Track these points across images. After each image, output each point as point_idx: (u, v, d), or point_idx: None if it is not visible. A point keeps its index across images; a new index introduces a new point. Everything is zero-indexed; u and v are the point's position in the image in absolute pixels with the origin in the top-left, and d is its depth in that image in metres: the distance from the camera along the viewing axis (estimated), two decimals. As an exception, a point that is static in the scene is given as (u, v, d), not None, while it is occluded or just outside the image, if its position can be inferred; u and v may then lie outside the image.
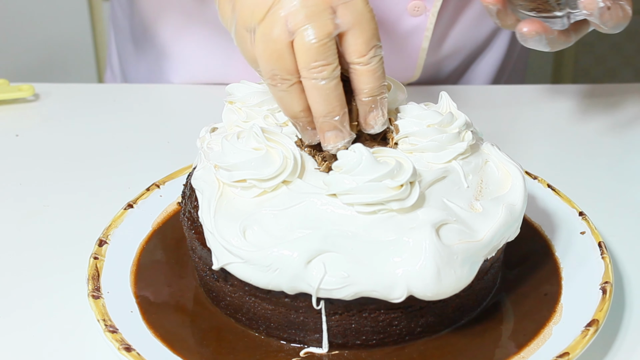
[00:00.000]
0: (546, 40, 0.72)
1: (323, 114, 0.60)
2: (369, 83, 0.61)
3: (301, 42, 0.58)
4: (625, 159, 0.89)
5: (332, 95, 0.60)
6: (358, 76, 0.60)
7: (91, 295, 0.63)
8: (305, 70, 0.59)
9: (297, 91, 0.60)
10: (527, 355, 0.59)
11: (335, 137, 0.61)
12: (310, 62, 0.58)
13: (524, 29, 0.72)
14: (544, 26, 0.72)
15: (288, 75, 0.59)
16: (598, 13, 0.70)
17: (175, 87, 1.04)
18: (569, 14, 0.72)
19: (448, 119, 0.64)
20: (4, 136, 0.93)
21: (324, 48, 0.58)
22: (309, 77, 0.59)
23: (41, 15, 2.01)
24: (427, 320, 0.62)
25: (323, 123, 0.61)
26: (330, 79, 0.59)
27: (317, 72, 0.59)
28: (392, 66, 0.96)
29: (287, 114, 0.62)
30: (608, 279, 0.64)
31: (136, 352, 0.58)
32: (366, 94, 0.61)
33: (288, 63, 0.59)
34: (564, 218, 0.73)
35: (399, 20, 0.92)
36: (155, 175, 0.79)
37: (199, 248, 0.63)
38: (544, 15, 0.72)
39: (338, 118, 0.60)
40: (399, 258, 0.56)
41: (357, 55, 0.60)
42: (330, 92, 0.59)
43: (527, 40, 0.72)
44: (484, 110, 0.98)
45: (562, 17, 0.72)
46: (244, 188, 0.61)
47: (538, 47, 0.73)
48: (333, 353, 0.61)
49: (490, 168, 0.65)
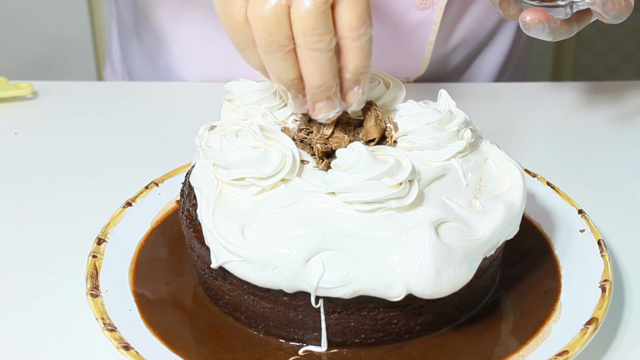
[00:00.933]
0: (548, 29, 0.73)
1: (317, 84, 0.59)
2: (355, 61, 0.60)
3: (299, 7, 0.57)
4: (625, 157, 0.89)
5: (327, 67, 0.59)
6: (345, 52, 0.60)
7: (90, 294, 0.63)
8: (302, 38, 0.58)
9: (292, 59, 0.59)
10: (526, 354, 0.59)
11: (326, 107, 0.61)
12: (307, 29, 0.57)
13: (527, 18, 0.72)
14: (547, 15, 0.72)
15: (286, 40, 0.58)
16: (601, 2, 0.70)
17: (174, 84, 1.04)
18: (572, 3, 0.72)
19: (447, 117, 0.64)
20: (3, 134, 0.92)
21: (322, 15, 0.57)
22: (305, 46, 0.58)
23: (40, 13, 2.01)
24: (426, 319, 0.62)
25: (315, 94, 0.60)
26: (326, 50, 0.58)
27: (314, 42, 0.58)
28: (399, 60, 0.97)
29: (279, 81, 0.61)
30: (607, 277, 0.64)
31: (135, 351, 0.58)
32: (350, 71, 0.60)
33: (286, 29, 0.58)
34: (563, 216, 0.73)
35: (406, 14, 0.92)
36: (154, 173, 0.78)
37: (197, 246, 0.63)
38: (546, 5, 0.72)
39: (331, 91, 0.60)
40: (397, 256, 0.56)
41: (348, 29, 0.59)
42: (326, 63, 0.59)
43: (529, 29, 0.73)
44: (483, 108, 0.98)
45: (564, 6, 0.72)
46: (242, 186, 0.61)
47: (540, 37, 0.74)
48: (332, 351, 0.61)
49: (490, 166, 0.65)
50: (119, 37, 1.16)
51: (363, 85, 0.61)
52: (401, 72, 0.99)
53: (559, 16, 0.73)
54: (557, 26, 0.73)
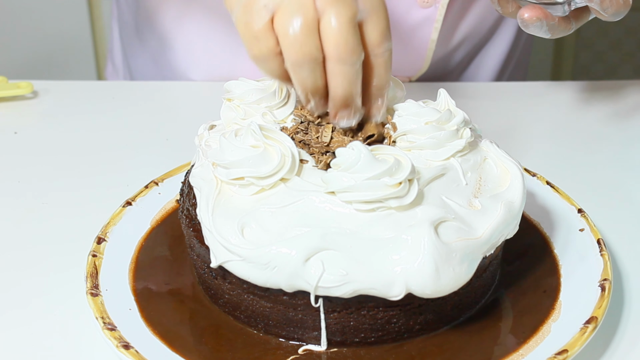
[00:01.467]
0: (547, 26, 0.73)
1: (343, 95, 0.61)
2: (380, 75, 0.62)
3: (330, 21, 0.58)
4: (625, 156, 0.89)
5: (355, 80, 0.60)
6: (371, 67, 0.61)
7: (89, 293, 0.63)
8: (334, 51, 0.59)
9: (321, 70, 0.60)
10: (525, 353, 0.59)
11: (348, 116, 0.62)
12: (340, 43, 0.58)
13: (525, 15, 0.73)
14: (545, 12, 0.72)
15: (317, 52, 0.59)
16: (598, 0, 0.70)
17: (175, 84, 1.04)
18: (570, 0, 0.72)
19: (446, 116, 0.64)
20: (2, 134, 0.92)
21: (353, 30, 0.59)
22: (336, 59, 0.59)
23: (40, 12, 2.01)
24: (425, 318, 0.62)
25: (340, 104, 0.61)
26: (356, 64, 0.60)
27: (346, 55, 0.59)
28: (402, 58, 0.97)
29: (304, 90, 0.61)
30: (607, 276, 0.64)
31: (134, 350, 0.58)
32: (375, 85, 0.62)
33: (317, 41, 0.59)
34: (562, 215, 0.73)
35: (408, 12, 0.93)
36: (153, 172, 0.78)
37: (197, 246, 0.63)
38: (545, 2, 0.72)
39: (356, 101, 0.61)
40: (397, 256, 0.56)
41: (374, 45, 0.60)
42: (354, 76, 0.60)
43: (528, 26, 0.73)
44: (482, 107, 0.98)
45: (562, 3, 0.72)
46: (242, 186, 0.61)
47: (538, 34, 0.74)
48: (331, 350, 0.61)
49: (489, 165, 0.65)
50: (121, 36, 1.16)
51: (385, 97, 0.63)
52: (404, 71, 0.99)
53: (557, 13, 0.73)
54: (555, 23, 0.73)
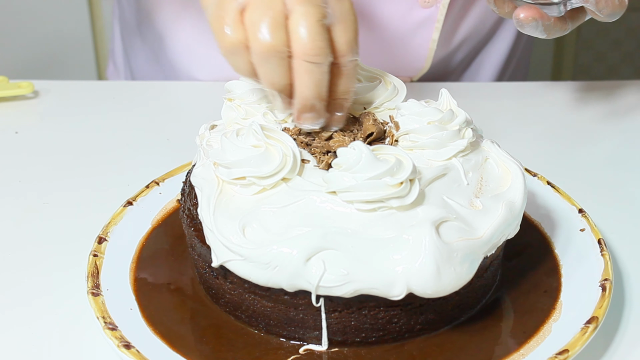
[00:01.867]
0: (542, 26, 0.73)
1: (308, 96, 0.61)
2: (342, 85, 0.62)
3: (299, 19, 0.59)
4: (625, 156, 0.89)
5: (321, 81, 0.60)
6: (336, 75, 0.61)
7: (90, 293, 0.63)
8: (300, 48, 0.59)
9: (287, 66, 0.60)
10: (526, 353, 0.59)
11: (312, 119, 0.62)
12: (307, 41, 0.59)
13: (520, 15, 0.73)
14: (541, 12, 0.72)
15: (283, 47, 0.59)
16: (594, 0, 0.70)
17: (175, 84, 1.04)
18: (566, 1, 0.72)
19: (448, 116, 0.64)
20: (3, 133, 0.93)
21: (322, 29, 0.59)
22: (302, 57, 0.59)
23: (41, 12, 2.01)
24: (426, 318, 0.62)
25: (304, 105, 0.61)
26: (323, 65, 0.60)
27: (313, 54, 0.59)
28: (403, 58, 0.97)
29: (271, 86, 0.62)
30: (608, 276, 0.64)
31: (136, 350, 0.58)
32: (336, 94, 0.62)
33: (284, 36, 0.59)
34: (563, 215, 0.73)
35: (409, 12, 0.93)
36: (154, 172, 0.78)
37: (198, 245, 0.63)
38: (540, 2, 0.72)
39: (321, 105, 0.61)
40: (398, 255, 0.56)
41: (341, 52, 0.61)
42: (320, 77, 0.60)
43: (523, 26, 0.73)
44: (483, 107, 0.98)
45: (558, 4, 0.72)
46: (243, 185, 0.61)
47: (534, 34, 0.74)
48: (332, 350, 0.61)
49: (490, 165, 0.65)
50: (122, 36, 1.16)
51: (346, 108, 0.64)
52: (405, 71, 0.99)
53: (552, 14, 0.73)
54: (551, 24, 0.73)
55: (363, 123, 0.65)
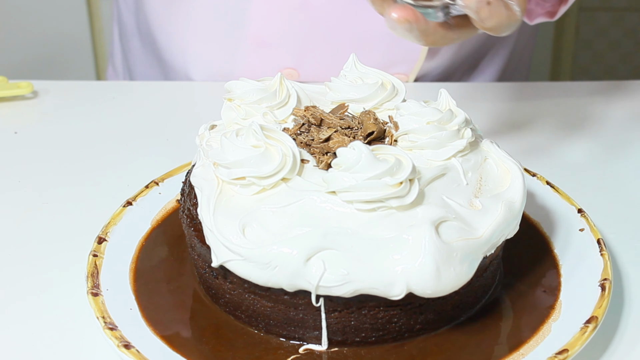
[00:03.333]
0: (417, 31, 0.66)
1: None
2: None
3: None
4: (624, 156, 0.89)
5: None
6: None
7: (90, 293, 0.63)
8: None
9: None
10: (526, 352, 0.59)
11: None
12: None
13: (392, 14, 0.65)
14: (416, 15, 0.65)
15: None
16: (475, 7, 0.63)
17: (175, 84, 1.05)
18: (447, 5, 0.65)
19: (447, 116, 0.64)
20: (3, 133, 0.93)
21: None
22: None
23: (40, 13, 2.01)
24: (426, 318, 0.62)
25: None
26: None
27: None
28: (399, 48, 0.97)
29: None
30: (607, 276, 0.64)
31: (135, 350, 0.58)
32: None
33: None
34: (563, 215, 0.73)
35: None
36: (154, 172, 0.79)
37: (198, 245, 0.63)
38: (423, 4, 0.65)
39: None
40: (398, 255, 0.56)
41: None
42: None
43: (396, 28, 0.66)
44: (483, 107, 0.98)
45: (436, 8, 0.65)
46: (243, 185, 0.61)
47: (408, 38, 0.67)
48: (332, 350, 0.61)
49: (490, 165, 0.65)
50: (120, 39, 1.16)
51: None
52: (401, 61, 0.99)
53: (431, 18, 0.66)
54: (429, 29, 0.66)
55: (363, 122, 0.65)
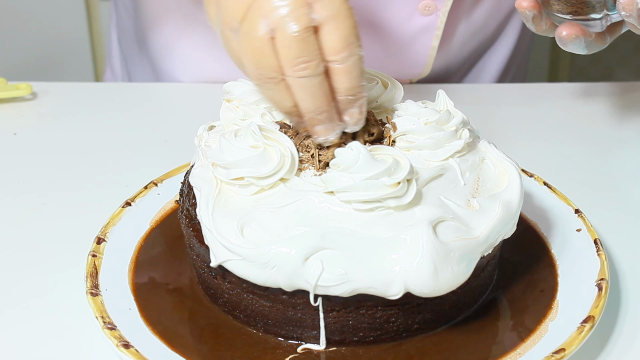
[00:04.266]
0: (584, 43, 0.73)
1: (310, 110, 0.60)
2: (345, 83, 0.60)
3: (281, 37, 0.58)
4: (621, 157, 0.90)
5: (317, 92, 0.59)
6: (333, 75, 0.60)
7: (89, 293, 0.63)
8: (288, 67, 0.59)
9: (284, 88, 0.60)
10: (523, 352, 0.60)
11: (325, 131, 0.61)
12: (292, 58, 0.58)
13: (563, 33, 0.72)
14: (583, 29, 0.72)
15: (273, 73, 0.59)
16: (637, 14, 0.69)
17: (173, 85, 1.05)
18: (607, 15, 0.71)
19: (445, 116, 0.64)
20: (2, 135, 0.93)
21: (304, 43, 0.58)
22: (292, 75, 0.59)
23: (39, 14, 2.01)
24: (424, 317, 0.62)
25: (312, 118, 0.61)
26: (314, 76, 0.59)
27: (300, 69, 0.58)
28: (402, 64, 0.98)
29: (280, 110, 0.62)
30: (604, 276, 0.64)
31: (134, 349, 0.58)
32: (342, 93, 0.61)
33: (271, 60, 0.59)
34: (560, 215, 0.73)
35: (409, 19, 0.93)
36: (153, 173, 0.79)
37: (196, 245, 0.64)
38: (580, 18, 0.72)
39: (325, 114, 0.60)
40: (396, 255, 0.57)
41: (332, 53, 0.59)
42: (316, 89, 0.59)
43: (566, 44, 0.73)
44: (480, 108, 0.98)
45: (599, 19, 0.72)
46: (241, 186, 0.61)
47: (577, 51, 0.74)
48: (330, 350, 0.61)
49: (487, 166, 0.65)
50: (120, 43, 1.16)
51: (360, 106, 0.61)
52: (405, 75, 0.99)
53: (594, 29, 0.72)
54: (592, 39, 0.73)
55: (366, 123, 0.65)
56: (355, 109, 0.61)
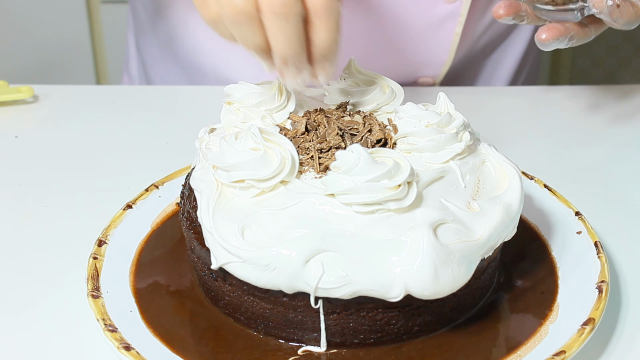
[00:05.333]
0: (566, 39, 0.76)
1: (281, 52, 0.60)
2: (321, 35, 0.60)
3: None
4: (622, 159, 0.90)
5: (292, 35, 0.59)
6: (311, 26, 0.60)
7: (91, 295, 0.63)
8: (266, 6, 0.58)
9: (259, 26, 0.60)
10: (523, 354, 0.60)
11: (292, 74, 0.62)
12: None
13: (542, 36, 0.76)
14: (560, 30, 0.76)
15: (251, 8, 0.59)
16: (607, 11, 0.72)
17: (174, 88, 1.05)
18: (583, 7, 0.75)
19: (446, 119, 0.64)
20: (3, 137, 0.93)
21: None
22: (270, 11, 0.58)
23: (40, 18, 2.01)
24: (424, 319, 0.62)
25: (281, 61, 0.61)
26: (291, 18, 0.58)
27: (277, 8, 0.58)
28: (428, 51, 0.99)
29: (249, 47, 0.61)
30: (604, 278, 0.64)
31: (135, 351, 0.58)
32: (316, 45, 0.61)
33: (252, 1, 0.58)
34: (560, 218, 0.73)
35: (433, 7, 0.95)
36: (154, 175, 0.79)
37: (197, 248, 0.64)
38: (560, 8, 0.76)
39: (296, 58, 0.60)
40: (396, 257, 0.57)
41: (312, 6, 0.59)
42: (291, 32, 0.59)
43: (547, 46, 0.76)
44: (481, 111, 0.98)
45: (575, 9, 0.75)
46: (242, 188, 0.61)
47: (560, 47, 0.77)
48: (331, 352, 0.61)
49: (487, 168, 0.65)
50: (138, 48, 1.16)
51: (332, 60, 0.61)
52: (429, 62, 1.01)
53: (569, 18, 0.76)
54: (574, 34, 0.76)
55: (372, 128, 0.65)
56: (328, 63, 0.62)
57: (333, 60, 0.62)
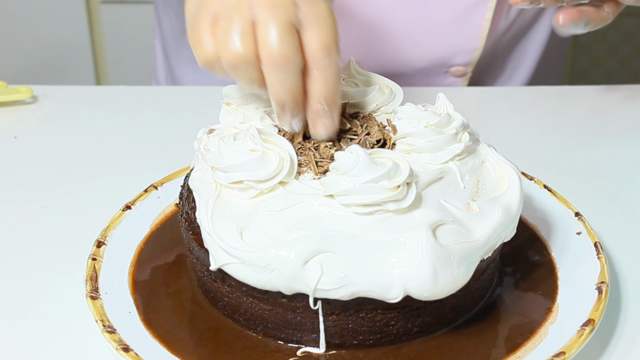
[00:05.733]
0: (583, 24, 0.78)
1: (278, 99, 0.61)
2: (319, 89, 0.60)
3: (263, 26, 0.58)
4: (621, 160, 0.90)
5: (292, 88, 0.60)
6: (310, 79, 0.60)
7: (89, 296, 0.63)
8: (266, 57, 0.59)
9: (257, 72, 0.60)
10: (523, 355, 0.60)
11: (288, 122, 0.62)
12: (271, 49, 0.58)
13: (559, 20, 0.77)
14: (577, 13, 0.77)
15: (251, 55, 0.59)
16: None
17: (173, 88, 1.05)
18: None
19: (445, 120, 0.64)
20: (2, 138, 0.93)
21: (287, 36, 0.58)
22: (269, 65, 0.59)
23: (39, 18, 2.02)
24: (423, 320, 0.62)
25: (278, 106, 0.61)
26: (290, 71, 0.59)
27: (278, 62, 0.59)
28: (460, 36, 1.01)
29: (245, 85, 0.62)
30: (604, 279, 0.64)
31: (134, 352, 0.58)
32: (314, 98, 0.61)
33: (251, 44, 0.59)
34: (560, 219, 0.73)
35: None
36: (152, 176, 0.79)
37: (196, 249, 0.64)
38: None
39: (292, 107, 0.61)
40: (395, 258, 0.57)
41: (314, 57, 0.59)
42: (291, 85, 0.60)
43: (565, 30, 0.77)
44: (480, 111, 0.98)
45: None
46: (241, 189, 0.61)
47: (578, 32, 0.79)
48: (330, 353, 0.61)
49: (487, 169, 0.65)
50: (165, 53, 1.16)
51: (331, 117, 0.62)
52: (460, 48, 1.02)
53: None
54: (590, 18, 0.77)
55: (370, 129, 0.65)
56: (327, 119, 0.62)
57: (334, 112, 0.62)
